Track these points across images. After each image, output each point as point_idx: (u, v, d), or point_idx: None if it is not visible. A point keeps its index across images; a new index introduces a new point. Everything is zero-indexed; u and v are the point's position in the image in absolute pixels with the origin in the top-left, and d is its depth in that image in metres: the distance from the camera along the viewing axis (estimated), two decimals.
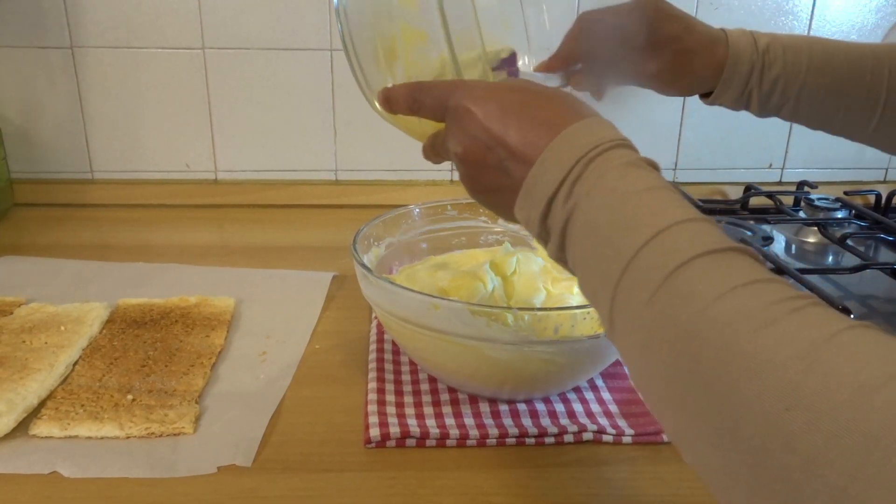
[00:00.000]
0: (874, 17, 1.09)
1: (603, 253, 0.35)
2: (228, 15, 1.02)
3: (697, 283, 0.30)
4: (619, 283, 0.33)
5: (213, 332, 0.70)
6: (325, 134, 1.09)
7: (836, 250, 0.95)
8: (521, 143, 0.40)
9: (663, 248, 0.32)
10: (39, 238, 0.96)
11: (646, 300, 0.32)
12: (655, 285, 0.31)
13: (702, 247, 0.32)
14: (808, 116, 0.67)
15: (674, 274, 0.31)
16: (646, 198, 0.35)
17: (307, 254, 0.92)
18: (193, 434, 0.56)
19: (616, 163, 0.37)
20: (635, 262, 0.33)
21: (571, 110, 0.41)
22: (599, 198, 0.36)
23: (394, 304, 0.58)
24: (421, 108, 0.48)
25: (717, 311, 0.29)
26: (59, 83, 1.04)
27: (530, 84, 0.44)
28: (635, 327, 0.33)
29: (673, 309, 0.31)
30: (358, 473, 0.54)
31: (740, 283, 0.30)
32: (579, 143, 0.38)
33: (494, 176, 0.43)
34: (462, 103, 0.43)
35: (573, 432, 0.58)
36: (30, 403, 0.57)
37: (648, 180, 0.36)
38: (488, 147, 0.42)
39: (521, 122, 0.41)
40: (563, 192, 0.38)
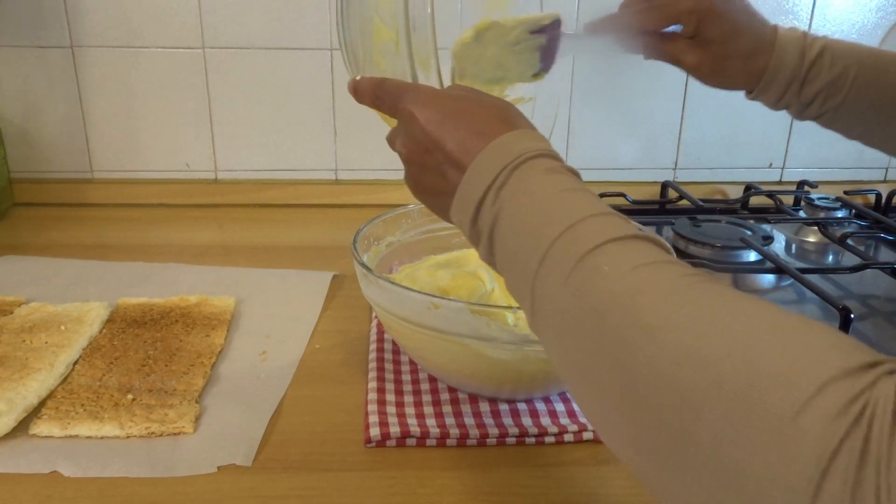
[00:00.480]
0: (874, 16, 1.09)
1: (524, 249, 0.37)
2: (228, 14, 1.02)
3: (604, 265, 0.33)
4: (537, 274, 0.36)
5: (213, 332, 0.70)
6: (325, 133, 1.09)
7: (837, 250, 0.95)
8: (456, 149, 0.43)
9: (575, 237, 0.35)
10: (39, 238, 0.96)
11: (560, 285, 0.34)
12: (567, 270, 0.34)
13: (610, 234, 0.34)
14: (846, 128, 0.67)
15: (584, 259, 0.34)
16: (562, 197, 0.38)
17: (307, 253, 0.92)
18: (193, 433, 0.56)
19: (538, 169, 0.39)
20: (551, 252, 0.35)
21: (506, 121, 0.43)
22: (521, 201, 0.39)
23: (394, 304, 0.58)
24: (380, 105, 0.50)
25: (620, 287, 0.32)
26: (59, 83, 1.04)
27: (473, 93, 0.47)
28: (551, 313, 0.35)
29: (583, 289, 0.33)
30: (358, 473, 0.54)
31: (642, 263, 0.32)
32: (507, 151, 0.40)
33: (433, 179, 0.45)
34: (407, 107, 0.46)
35: (573, 432, 0.58)
36: (30, 403, 0.57)
37: (566, 183, 0.39)
38: (428, 150, 0.44)
39: (458, 129, 0.43)
40: (489, 197, 0.40)
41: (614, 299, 0.31)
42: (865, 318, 0.79)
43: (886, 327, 0.78)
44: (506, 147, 0.41)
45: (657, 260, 0.33)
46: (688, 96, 1.11)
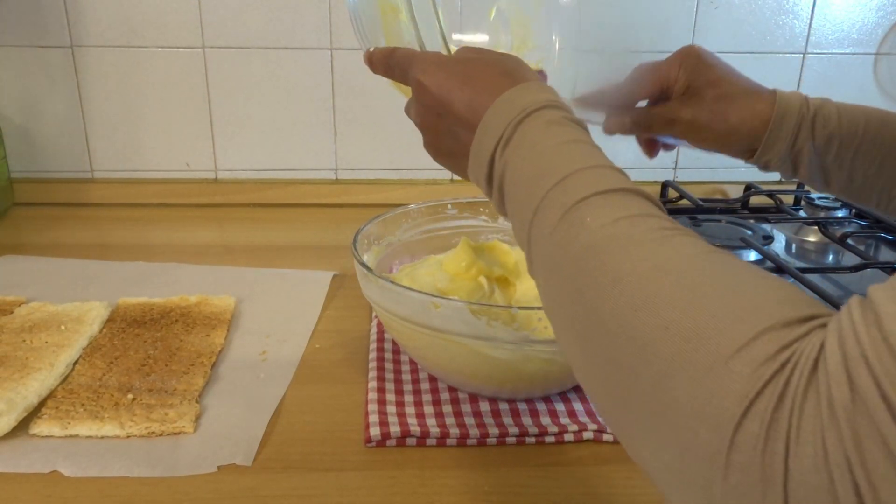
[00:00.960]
0: (874, 16, 1.09)
1: (523, 199, 0.39)
2: (229, 14, 1.02)
3: (587, 216, 0.34)
4: (532, 223, 0.37)
5: (213, 332, 0.70)
6: (325, 133, 1.09)
7: (837, 249, 0.95)
8: (465, 109, 0.44)
9: (565, 189, 0.36)
10: (39, 237, 0.96)
11: (548, 234, 0.36)
12: (555, 221, 0.35)
13: (599, 187, 0.35)
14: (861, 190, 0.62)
15: (570, 210, 0.35)
16: (560, 149, 0.39)
17: (307, 253, 0.92)
18: (194, 433, 0.56)
19: (541, 122, 0.40)
20: (543, 203, 0.37)
21: (510, 76, 0.44)
22: (523, 153, 0.40)
23: (394, 304, 0.58)
24: (392, 74, 0.51)
25: (598, 237, 0.33)
26: (59, 82, 1.04)
27: (479, 53, 0.47)
28: (541, 260, 0.37)
29: (566, 239, 0.35)
30: (358, 472, 0.54)
31: (624, 216, 0.34)
32: (512, 106, 0.41)
33: (449, 141, 0.46)
34: (416, 76, 0.47)
35: (573, 431, 0.58)
36: (30, 402, 0.57)
37: (566, 135, 0.40)
38: (439, 115, 0.46)
39: (465, 90, 0.44)
40: (498, 153, 0.41)
41: (592, 249, 0.33)
42: None
43: None
44: (511, 102, 0.41)
45: (638, 213, 0.34)
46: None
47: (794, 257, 0.95)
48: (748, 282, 0.29)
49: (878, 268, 0.84)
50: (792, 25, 1.08)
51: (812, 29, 1.09)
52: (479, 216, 0.79)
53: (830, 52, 1.10)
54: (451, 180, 1.12)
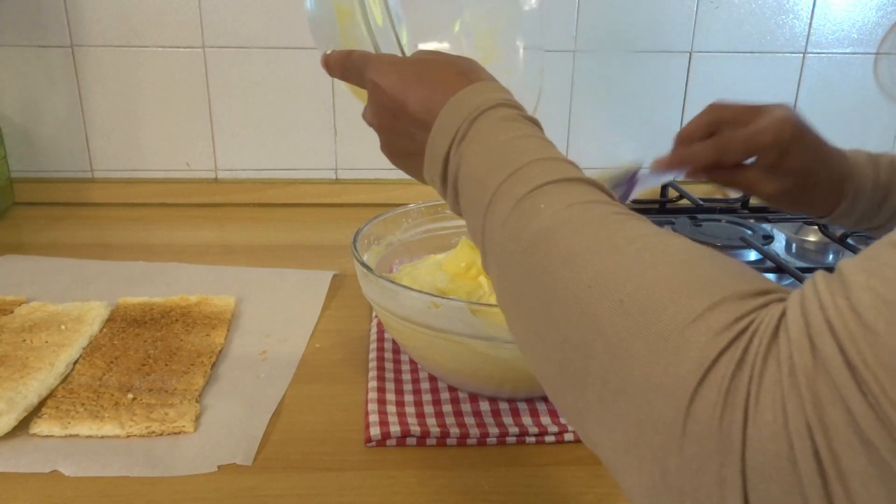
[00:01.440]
0: (875, 15, 1.09)
1: (476, 193, 0.39)
2: (228, 14, 1.02)
3: (541, 203, 0.35)
4: (485, 217, 0.37)
5: (213, 331, 0.70)
6: (325, 132, 1.09)
7: (837, 249, 0.95)
8: (420, 109, 0.44)
9: (518, 180, 0.36)
10: (40, 237, 0.96)
11: (500, 224, 0.36)
12: (508, 210, 0.35)
13: (552, 177, 0.36)
14: None
15: (523, 199, 0.35)
16: (514, 143, 0.39)
17: (307, 252, 0.92)
18: (194, 433, 0.56)
19: (494, 119, 0.40)
20: (496, 196, 0.37)
21: (464, 76, 0.44)
22: (475, 149, 0.40)
23: (394, 303, 0.58)
24: (348, 77, 0.52)
25: (551, 222, 0.33)
26: (59, 82, 1.04)
27: (434, 55, 0.47)
28: (494, 252, 0.37)
29: (518, 227, 0.35)
30: (358, 472, 0.54)
31: (577, 202, 0.34)
32: (467, 104, 0.41)
33: (404, 142, 0.46)
34: (371, 77, 0.47)
35: (574, 431, 0.57)
36: (30, 402, 0.57)
37: (520, 130, 0.40)
38: (394, 115, 0.46)
39: (420, 90, 0.44)
40: (452, 150, 0.41)
41: (543, 234, 0.33)
42: None
43: None
44: (465, 101, 0.42)
45: (592, 200, 0.34)
46: (688, 96, 1.11)
47: (794, 257, 0.95)
48: (704, 258, 0.29)
49: None
50: (792, 25, 1.08)
51: (812, 28, 1.09)
52: None
53: (830, 52, 1.10)
54: None
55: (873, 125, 1.15)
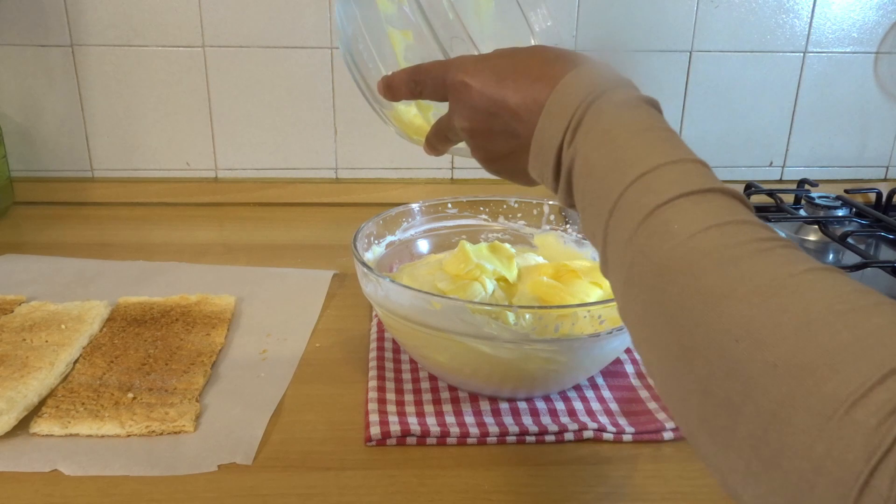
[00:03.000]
0: (875, 15, 1.09)
1: (597, 193, 0.36)
2: (229, 13, 1.02)
3: (674, 222, 0.32)
4: (608, 222, 0.35)
5: (213, 331, 0.70)
6: (325, 132, 1.09)
7: (837, 248, 0.95)
8: (521, 102, 0.41)
9: (647, 187, 0.34)
10: (40, 236, 0.96)
11: (628, 237, 0.33)
12: (637, 223, 0.33)
13: (684, 187, 0.33)
14: None
15: (654, 213, 0.32)
16: (637, 139, 0.36)
17: (308, 252, 0.92)
18: (194, 432, 0.56)
19: (612, 104, 0.38)
20: (621, 201, 0.34)
21: (563, 61, 0.42)
22: (595, 140, 0.37)
23: (394, 303, 0.58)
24: (423, 91, 0.48)
25: (687, 249, 0.31)
26: (59, 81, 1.04)
27: (517, 49, 0.45)
28: (620, 264, 0.34)
29: (650, 246, 0.32)
30: (358, 471, 0.54)
31: (714, 224, 0.31)
32: (577, 90, 0.39)
33: (504, 141, 0.43)
34: (458, 78, 0.44)
35: (574, 430, 0.58)
36: (30, 401, 0.57)
37: (642, 121, 0.37)
38: (492, 114, 0.43)
39: (518, 83, 0.41)
40: (567, 139, 0.38)
41: (680, 262, 0.30)
42: None
43: None
44: (574, 85, 0.39)
45: (729, 220, 0.31)
46: (688, 95, 1.11)
47: None
48: (862, 308, 0.26)
49: (878, 267, 0.84)
50: (792, 24, 1.08)
51: (812, 28, 1.08)
52: (479, 215, 0.79)
53: (831, 51, 1.10)
54: (451, 179, 1.12)
55: (873, 125, 1.14)
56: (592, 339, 0.56)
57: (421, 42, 0.51)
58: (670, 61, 1.09)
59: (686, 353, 0.29)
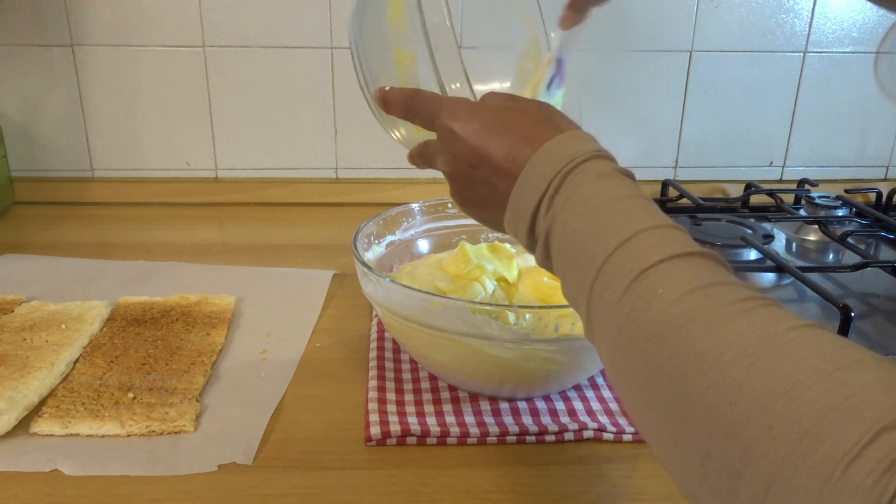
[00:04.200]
0: (875, 14, 1.09)
1: (579, 260, 0.37)
2: (229, 13, 1.02)
3: (659, 287, 0.33)
4: (592, 288, 0.36)
5: (213, 331, 0.70)
6: (325, 132, 1.09)
7: (837, 248, 0.95)
8: (504, 159, 0.42)
9: (630, 253, 0.35)
10: (40, 236, 0.96)
11: (614, 302, 0.34)
12: (623, 289, 0.34)
13: (666, 252, 0.34)
14: None
15: (638, 278, 0.33)
16: (616, 207, 0.37)
17: (308, 252, 0.92)
18: (194, 432, 0.56)
19: (590, 174, 0.39)
20: (605, 267, 0.35)
21: (550, 124, 0.43)
22: (575, 208, 0.38)
23: (394, 303, 0.58)
24: (414, 117, 0.50)
25: (674, 313, 0.32)
26: (59, 81, 1.04)
27: (511, 100, 0.46)
28: (607, 328, 0.35)
29: (637, 311, 0.33)
30: (359, 471, 0.54)
31: (698, 286, 0.32)
32: (557, 156, 0.40)
33: (483, 191, 0.45)
34: (447, 124, 0.45)
35: (574, 430, 0.58)
36: (31, 401, 0.58)
37: (620, 190, 0.38)
38: (474, 165, 0.44)
39: (504, 139, 0.43)
40: (544, 205, 0.40)
41: (667, 326, 0.31)
42: (866, 316, 0.79)
43: (887, 326, 0.78)
44: (555, 152, 0.40)
45: (712, 282, 0.32)
46: (688, 95, 1.11)
47: (794, 256, 0.95)
48: (848, 366, 0.27)
49: (878, 267, 0.84)
50: (792, 24, 1.08)
51: (812, 28, 1.09)
52: None
53: (831, 51, 1.10)
54: None
55: (873, 125, 1.15)
56: None
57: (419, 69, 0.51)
58: (670, 61, 1.09)
59: (683, 417, 0.30)
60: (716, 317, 0.31)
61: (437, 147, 0.48)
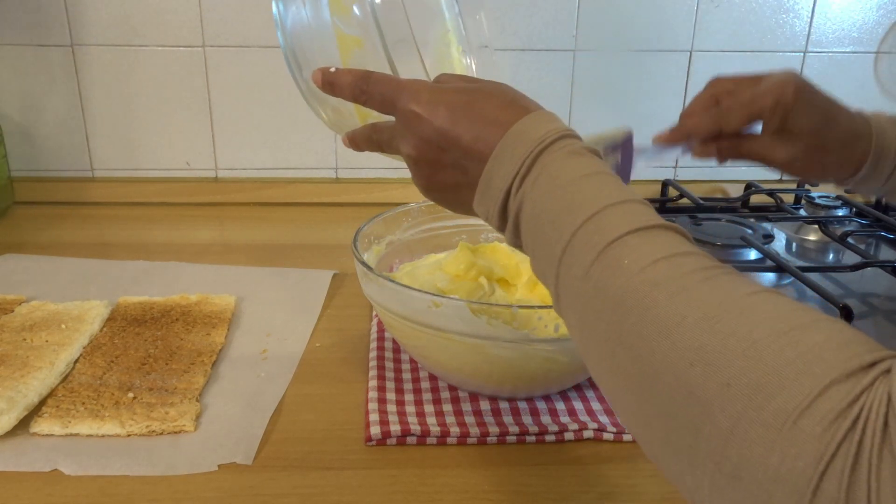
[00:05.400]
0: (875, 14, 1.09)
1: (547, 236, 0.38)
2: (229, 13, 1.02)
3: (624, 258, 0.34)
4: (560, 262, 0.37)
5: (213, 330, 0.70)
6: (325, 132, 1.08)
7: (837, 248, 0.95)
8: (473, 141, 0.43)
9: (596, 228, 0.36)
10: (40, 236, 0.96)
11: (581, 276, 0.35)
12: (589, 262, 0.35)
13: (631, 225, 0.35)
14: None
15: (604, 251, 0.34)
16: (583, 183, 0.38)
17: (308, 252, 0.92)
18: (194, 432, 0.56)
19: (558, 153, 0.40)
20: (573, 242, 0.36)
21: (517, 105, 0.43)
22: (543, 187, 0.39)
23: (394, 303, 0.58)
24: (368, 100, 0.48)
25: (639, 282, 0.33)
26: (59, 81, 1.04)
27: (471, 82, 0.46)
28: (574, 301, 0.36)
29: (603, 282, 0.34)
30: (359, 471, 0.54)
31: (662, 256, 0.33)
32: (527, 137, 0.41)
33: (451, 174, 0.45)
34: (410, 108, 0.45)
35: (574, 430, 0.58)
36: (31, 401, 0.57)
37: (587, 167, 0.39)
38: (442, 148, 0.44)
39: (471, 122, 0.43)
40: (515, 185, 0.40)
41: (632, 295, 0.32)
42: (866, 316, 0.79)
43: (887, 325, 0.78)
44: (524, 133, 0.41)
45: (675, 252, 0.33)
46: (688, 95, 1.11)
47: (794, 256, 0.95)
48: (803, 326, 0.28)
49: (878, 266, 0.84)
50: (792, 24, 1.08)
51: (812, 28, 1.09)
52: None
53: (831, 51, 1.10)
54: None
55: None
56: None
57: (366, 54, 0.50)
58: (670, 61, 1.09)
59: (646, 380, 0.31)
60: (679, 285, 0.32)
61: (396, 131, 0.47)
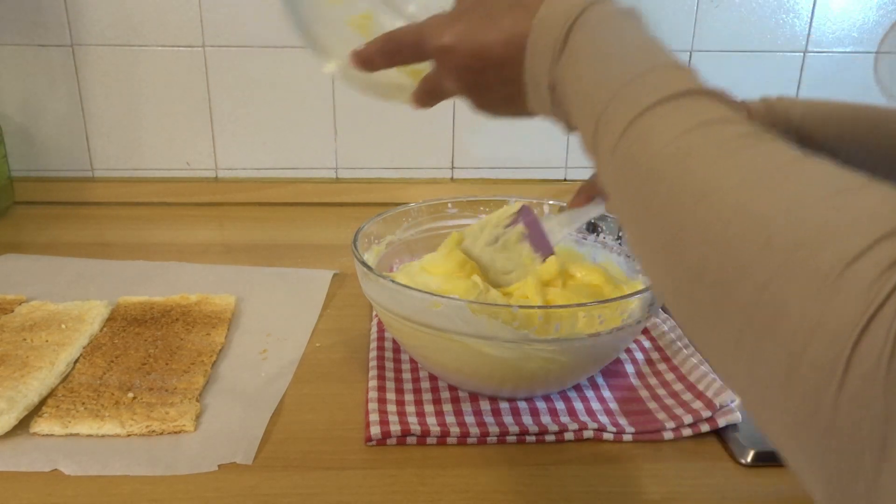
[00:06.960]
0: (875, 14, 1.09)
1: (585, 112, 0.38)
2: (229, 13, 1.02)
3: (658, 125, 0.33)
4: (595, 136, 0.36)
5: (213, 330, 0.70)
6: (325, 131, 1.09)
7: None
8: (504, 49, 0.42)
9: (627, 98, 0.35)
10: (40, 236, 0.96)
11: (611, 148, 0.34)
12: (619, 133, 0.34)
13: (665, 92, 0.34)
14: None
15: (635, 121, 0.33)
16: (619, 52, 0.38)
17: (308, 252, 0.92)
18: (194, 432, 0.56)
19: (588, 26, 0.39)
20: (605, 115, 0.35)
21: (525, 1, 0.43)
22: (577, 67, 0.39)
23: (394, 302, 0.58)
24: (399, 58, 0.49)
25: (674, 149, 0.31)
26: (59, 81, 1.04)
27: None
28: (608, 175, 0.36)
29: (636, 150, 0.33)
30: (359, 471, 0.54)
31: (696, 125, 0.32)
32: (552, 22, 0.40)
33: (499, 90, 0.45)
34: (436, 44, 0.45)
35: (574, 430, 0.58)
36: (31, 401, 0.58)
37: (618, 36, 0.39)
38: (479, 70, 0.44)
39: (497, 33, 0.43)
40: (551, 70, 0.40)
41: (666, 163, 0.31)
42: None
43: None
44: (548, 19, 0.40)
45: (710, 119, 0.32)
46: None
47: None
48: (851, 189, 0.27)
49: None
50: (792, 24, 1.08)
51: (812, 28, 1.08)
52: (479, 215, 0.79)
53: (831, 51, 1.10)
54: (451, 179, 1.11)
55: None
56: (592, 338, 0.56)
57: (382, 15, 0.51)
58: None
59: (677, 244, 0.30)
60: (716, 152, 0.30)
61: (438, 73, 0.47)
